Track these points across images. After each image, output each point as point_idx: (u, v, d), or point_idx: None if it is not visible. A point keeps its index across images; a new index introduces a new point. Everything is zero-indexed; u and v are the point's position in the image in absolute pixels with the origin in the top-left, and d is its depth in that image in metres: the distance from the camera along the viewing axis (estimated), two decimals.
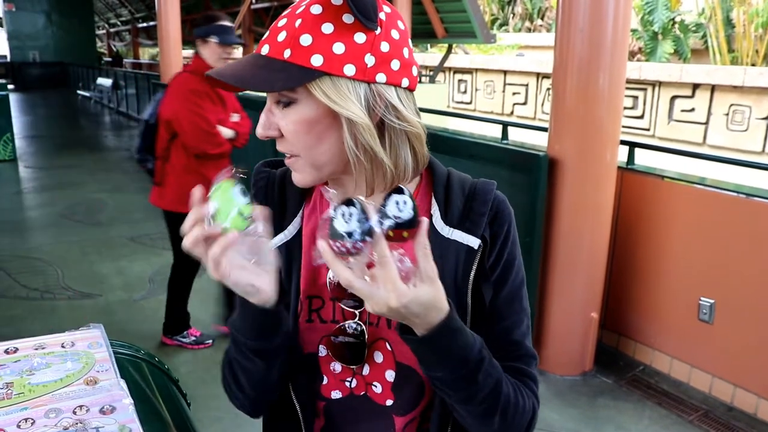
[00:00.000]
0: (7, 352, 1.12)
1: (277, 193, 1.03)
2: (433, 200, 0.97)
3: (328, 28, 0.83)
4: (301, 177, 0.92)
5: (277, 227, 1.00)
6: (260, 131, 0.89)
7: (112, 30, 34.38)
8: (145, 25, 26.09)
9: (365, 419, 1.00)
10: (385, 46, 0.85)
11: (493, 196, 0.96)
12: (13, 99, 11.17)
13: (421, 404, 0.99)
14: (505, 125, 4.50)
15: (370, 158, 0.87)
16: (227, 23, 3.46)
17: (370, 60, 0.84)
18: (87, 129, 15.09)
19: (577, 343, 3.49)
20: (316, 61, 0.82)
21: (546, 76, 12.76)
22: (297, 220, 1.00)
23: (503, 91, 14.25)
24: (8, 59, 26.83)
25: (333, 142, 0.87)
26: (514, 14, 21.33)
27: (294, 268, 0.99)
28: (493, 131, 5.26)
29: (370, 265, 0.76)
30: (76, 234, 6.13)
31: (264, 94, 0.89)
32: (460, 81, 15.47)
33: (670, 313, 3.48)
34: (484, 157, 3.63)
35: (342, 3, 0.83)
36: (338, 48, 0.82)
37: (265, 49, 0.85)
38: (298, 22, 0.84)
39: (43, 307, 4.36)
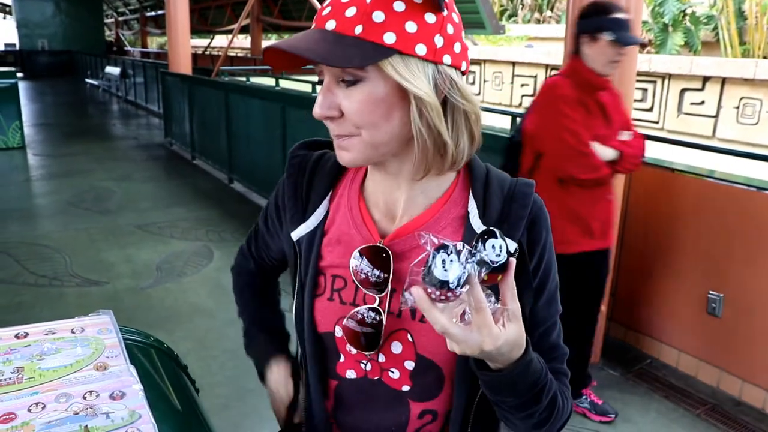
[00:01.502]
0: (17, 336, 1.12)
1: (306, 179, 1.03)
2: (471, 197, 0.95)
3: (399, 6, 0.81)
4: (353, 156, 0.89)
5: (301, 217, 1.01)
6: (319, 111, 0.86)
7: (120, 19, 34.39)
8: (153, 13, 26.10)
9: (379, 403, 1.00)
10: (450, 29, 0.85)
11: (531, 199, 0.95)
12: (22, 87, 11.20)
13: (439, 396, 0.98)
14: (514, 116, 4.47)
15: (434, 138, 0.86)
16: (624, 15, 2.66)
17: (439, 41, 0.83)
18: (95, 117, 15.12)
19: None
20: (389, 38, 0.80)
21: (555, 67, 12.69)
22: (321, 210, 1.01)
23: (512, 83, 14.19)
24: (17, 47, 26.89)
25: (396, 121, 0.86)
26: (523, 5, 21.23)
27: (313, 252, 1.00)
28: (502, 122, 5.24)
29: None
30: (84, 222, 6.15)
31: (272, 83, 0.88)
32: (468, 72, 15.41)
33: (678, 307, 3.47)
34: (493, 148, 3.60)
35: None
36: (411, 27, 0.81)
37: (330, 24, 0.82)
38: None
39: (51, 294, 4.38)
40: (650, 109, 10.76)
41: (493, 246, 0.75)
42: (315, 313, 0.99)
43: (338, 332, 0.98)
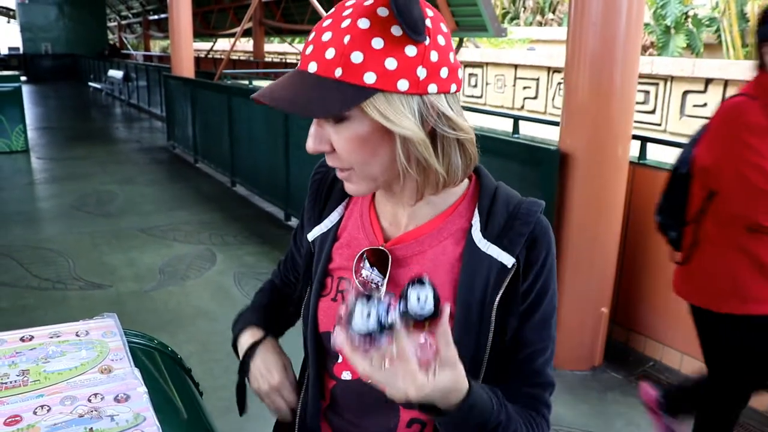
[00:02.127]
0: (22, 339, 1.13)
1: (326, 189, 1.08)
2: (476, 211, 0.96)
3: (378, 43, 0.80)
4: (356, 188, 0.92)
5: (317, 219, 1.07)
6: (312, 146, 0.88)
7: (123, 22, 34.45)
8: (156, 17, 26.13)
9: (370, 407, 1.01)
10: (434, 56, 0.83)
11: (536, 218, 0.94)
12: (26, 90, 11.23)
13: None
14: (516, 119, 4.49)
15: (422, 169, 0.88)
16: None
17: (421, 72, 0.82)
18: (98, 121, 15.15)
19: (587, 338, 3.48)
20: (369, 78, 0.80)
21: (557, 70, 12.70)
22: (335, 215, 1.05)
23: (514, 86, 14.19)
24: (21, 51, 26.96)
25: (386, 155, 0.87)
26: (525, 8, 21.24)
27: (324, 254, 1.04)
28: (504, 125, 5.25)
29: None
30: (87, 225, 6.16)
31: None
32: (470, 75, 15.41)
33: (681, 309, 3.44)
34: (496, 151, 3.61)
35: (389, 14, 0.81)
36: (390, 63, 0.80)
37: (312, 67, 0.82)
38: (347, 38, 0.80)
39: (55, 296, 4.39)
40: (652, 112, 10.75)
41: (418, 298, 0.75)
42: (318, 313, 1.02)
43: None
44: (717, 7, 12.93)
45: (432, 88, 0.83)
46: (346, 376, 1.02)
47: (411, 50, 0.81)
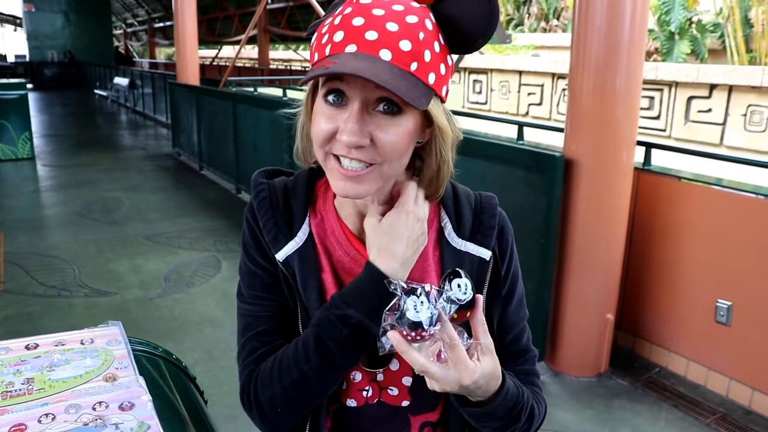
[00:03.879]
0: (27, 347, 1.13)
1: (282, 203, 1.00)
2: (443, 213, 1.00)
3: (437, 47, 0.84)
4: (364, 188, 0.86)
5: (287, 236, 0.98)
6: (353, 139, 0.81)
7: (129, 30, 34.61)
8: (161, 25, 26.28)
9: (380, 422, 1.01)
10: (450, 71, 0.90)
11: (497, 210, 1.01)
12: (32, 98, 11.28)
13: (438, 408, 1.01)
14: (521, 125, 4.48)
15: (438, 162, 0.92)
16: None
17: (449, 83, 0.90)
18: (103, 128, 15.20)
19: (593, 345, 3.47)
20: (432, 78, 0.84)
21: (561, 76, 12.71)
22: (305, 228, 0.98)
23: (518, 92, 14.21)
24: (27, 59, 27.10)
25: (409, 153, 0.89)
26: (529, 14, 21.25)
27: (312, 272, 0.97)
28: (508, 132, 5.25)
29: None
30: (93, 232, 6.17)
31: (280, 93, 0.89)
32: (475, 81, 15.43)
33: (686, 315, 3.45)
34: (500, 158, 3.61)
35: (433, 28, 0.84)
36: (442, 69, 0.86)
37: (385, 54, 0.80)
38: (422, 35, 0.81)
39: (60, 304, 4.40)
40: (657, 117, 10.75)
41: (459, 285, 0.80)
42: None
43: None
44: (721, 12, 12.93)
45: (446, 97, 0.90)
46: (351, 403, 1.00)
47: (449, 60, 0.88)
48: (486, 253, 0.98)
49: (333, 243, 0.98)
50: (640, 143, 3.43)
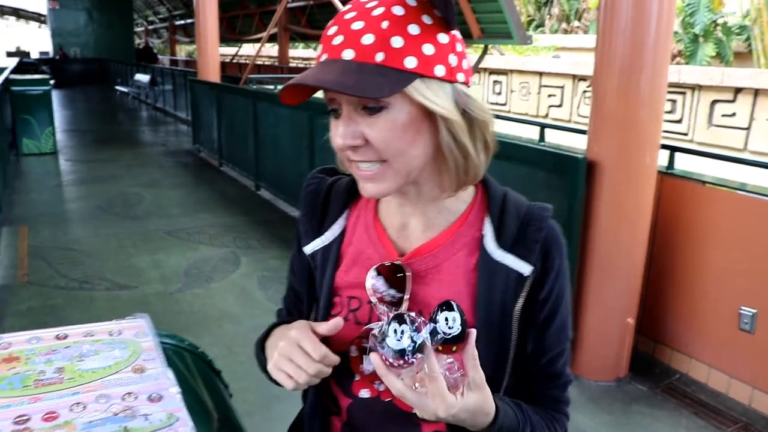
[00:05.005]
0: (57, 337, 1.14)
1: (321, 200, 1.04)
2: (487, 220, 0.96)
3: (414, 29, 0.82)
4: (383, 187, 0.88)
5: (315, 232, 1.03)
6: (342, 142, 0.85)
7: (150, 27, 34.85)
8: (182, 22, 26.40)
9: (390, 424, 1.00)
10: (459, 46, 0.86)
11: (547, 224, 0.95)
12: (55, 94, 11.39)
13: None
14: (543, 127, 4.46)
15: (462, 153, 0.88)
16: None
17: (453, 60, 0.85)
18: (124, 124, 15.33)
19: (612, 349, 3.44)
20: (410, 63, 0.81)
21: (583, 78, 12.62)
22: (336, 228, 1.02)
23: (538, 93, 14.13)
24: (51, 55, 27.40)
25: (421, 145, 0.87)
26: (550, 15, 21.16)
27: (328, 269, 1.01)
28: (529, 133, 5.23)
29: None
30: (114, 227, 6.23)
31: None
32: (495, 82, 15.37)
33: (709, 322, 3.42)
34: (522, 159, 3.59)
35: (417, 4, 0.83)
36: (428, 49, 0.82)
37: (348, 54, 0.82)
38: (385, 23, 0.81)
39: (82, 297, 4.44)
40: (679, 121, 10.64)
41: (446, 318, 0.79)
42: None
43: (353, 352, 0.98)
44: (748, 14, 12.77)
45: (460, 77, 0.86)
46: (364, 393, 1.00)
47: (443, 38, 0.84)
48: (525, 268, 0.92)
49: (365, 241, 1.00)
50: (664, 146, 3.40)
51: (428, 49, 0.82)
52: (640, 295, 3.48)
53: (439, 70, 0.83)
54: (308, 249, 1.04)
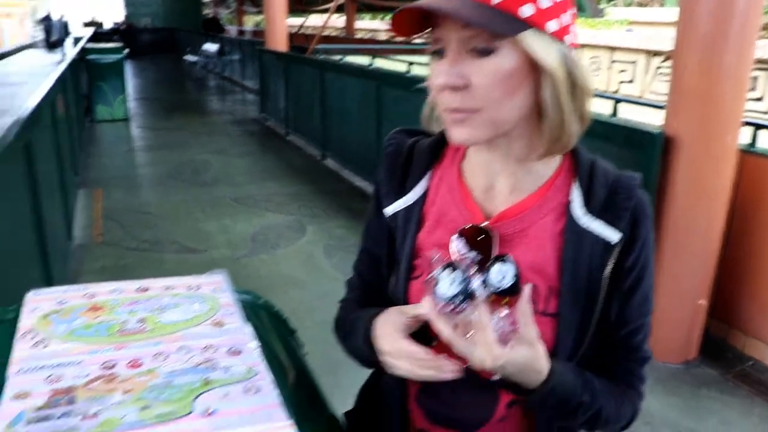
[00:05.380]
0: (138, 290, 1.17)
1: (403, 160, 1.03)
2: (575, 186, 0.94)
3: None
4: (474, 134, 0.86)
5: (396, 193, 1.02)
6: (446, 80, 0.83)
7: None
8: None
9: (467, 391, 0.99)
10: (571, 8, 0.85)
11: (637, 192, 0.93)
12: (126, 63, 11.69)
13: None
14: (617, 101, 4.33)
15: (559, 115, 0.85)
16: None
17: (564, 19, 0.83)
18: (193, 93, 15.61)
19: (682, 330, 3.34)
20: (526, 11, 0.80)
21: (657, 53, 12.19)
22: (419, 188, 1.01)
23: (609, 69, 13.74)
24: (123, 25, 28.08)
25: (519, 98, 0.84)
26: None
27: (410, 231, 1.00)
28: (601, 108, 5.07)
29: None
30: (183, 192, 6.37)
31: (367, 62, 0.88)
32: None
33: None
34: (594, 133, 3.46)
35: None
36: (545, 2, 0.81)
37: None
38: None
39: (152, 258, 4.57)
40: (760, 99, 10.20)
41: (498, 270, 0.81)
42: (409, 296, 0.99)
43: None
44: None
45: (568, 38, 0.84)
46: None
47: None
48: (613, 236, 0.91)
49: (449, 202, 0.99)
50: (747, 123, 3.25)
51: (545, 2, 0.81)
52: (714, 276, 3.36)
53: (552, 25, 0.81)
54: (389, 210, 1.03)
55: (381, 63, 7.28)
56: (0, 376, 0.89)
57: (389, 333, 0.93)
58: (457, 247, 0.91)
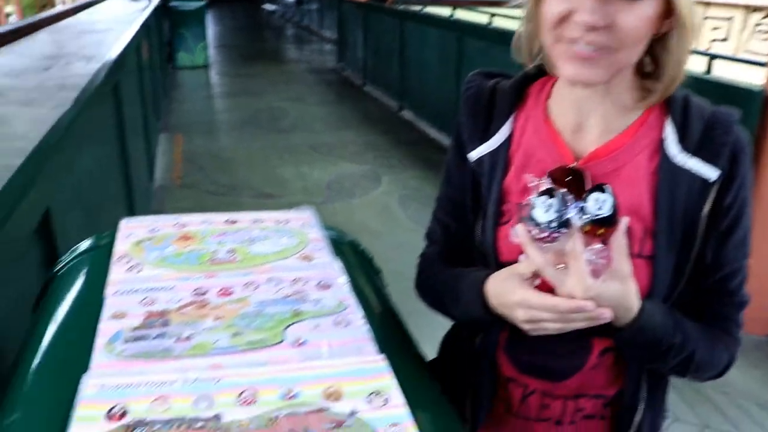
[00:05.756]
0: (227, 222, 1.17)
1: (485, 102, 1.00)
2: (668, 122, 0.90)
3: None
4: (596, 74, 0.83)
5: (482, 137, 0.99)
6: (591, 18, 0.79)
7: None
8: None
9: (560, 339, 0.93)
10: None
11: (735, 129, 0.88)
12: (207, 11, 11.83)
13: None
14: (712, 57, 4.10)
15: (679, 61, 0.86)
16: None
17: None
18: (270, 41, 15.71)
19: None
20: None
21: (757, 8, 11.50)
22: (503, 131, 0.98)
23: (701, 26, 13.08)
24: None
25: (646, 42, 0.84)
26: None
27: (496, 176, 0.97)
28: (694, 65, 4.82)
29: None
30: (260, 139, 6.45)
31: (448, 13, 0.84)
32: None
33: None
34: (687, 89, 3.32)
35: None
36: None
37: None
38: None
39: (229, 202, 4.66)
40: None
41: (596, 199, 0.78)
42: (498, 242, 0.96)
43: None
44: None
45: None
46: None
47: None
48: (711, 173, 0.86)
49: (536, 143, 0.96)
50: None
51: None
52: None
53: None
54: (473, 155, 0.99)
55: (462, 14, 7.10)
56: (97, 297, 0.91)
57: (516, 286, 0.86)
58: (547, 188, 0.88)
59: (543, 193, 0.79)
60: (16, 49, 4.53)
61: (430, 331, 1.22)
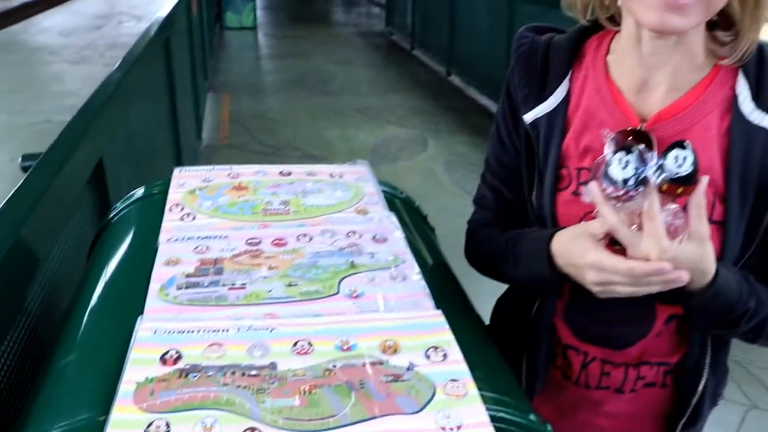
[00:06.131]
0: (281, 173, 1.15)
1: (540, 60, 0.93)
2: (740, 78, 0.83)
3: None
4: (688, 21, 0.75)
5: (537, 97, 0.93)
6: None
7: None
8: None
9: (622, 306, 0.88)
10: None
11: None
12: None
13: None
14: None
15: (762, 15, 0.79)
16: None
17: None
18: (318, 4, 15.61)
19: None
20: None
21: None
22: (560, 90, 0.91)
23: None
24: None
25: None
26: None
27: (554, 138, 0.91)
28: None
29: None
30: (307, 100, 6.44)
31: None
32: None
33: None
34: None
35: None
36: None
37: None
38: None
39: (275, 162, 4.64)
40: None
41: (676, 157, 0.73)
42: (557, 208, 0.92)
43: None
44: None
45: None
46: None
47: None
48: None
49: (597, 103, 0.89)
50: None
51: None
52: None
53: None
54: (529, 117, 0.93)
55: None
56: (150, 245, 0.90)
57: (589, 247, 0.80)
58: (611, 152, 0.81)
59: (620, 148, 0.74)
60: (69, 8, 4.58)
61: (478, 298, 1.18)
